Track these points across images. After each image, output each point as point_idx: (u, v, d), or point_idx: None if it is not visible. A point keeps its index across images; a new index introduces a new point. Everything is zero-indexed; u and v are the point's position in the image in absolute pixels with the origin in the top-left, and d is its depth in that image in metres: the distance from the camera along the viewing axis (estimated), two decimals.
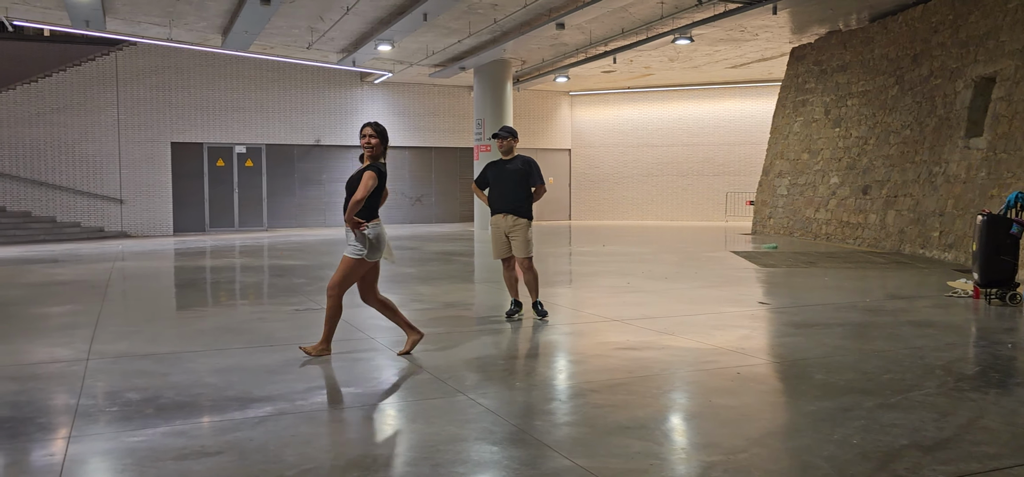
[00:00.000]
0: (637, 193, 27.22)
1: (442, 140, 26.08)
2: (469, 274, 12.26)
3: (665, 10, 15.84)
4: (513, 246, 7.44)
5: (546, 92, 27.08)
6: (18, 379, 5.28)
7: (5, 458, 3.79)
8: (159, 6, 16.23)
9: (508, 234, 7.44)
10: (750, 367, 5.53)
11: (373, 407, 4.65)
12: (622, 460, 3.67)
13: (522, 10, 15.74)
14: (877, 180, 15.90)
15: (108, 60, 21.49)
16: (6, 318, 7.96)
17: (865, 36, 16.91)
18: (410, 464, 3.66)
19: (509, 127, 7.60)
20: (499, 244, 7.52)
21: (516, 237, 7.41)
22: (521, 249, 7.41)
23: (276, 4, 14.98)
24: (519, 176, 7.43)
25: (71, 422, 4.30)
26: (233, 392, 4.90)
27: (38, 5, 16.13)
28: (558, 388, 5.16)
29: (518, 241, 7.40)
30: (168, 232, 22.24)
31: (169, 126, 22.23)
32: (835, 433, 4.00)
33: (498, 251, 7.55)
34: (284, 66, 23.33)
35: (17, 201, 20.65)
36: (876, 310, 7.98)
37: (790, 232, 18.79)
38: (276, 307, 8.51)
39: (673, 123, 26.66)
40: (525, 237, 7.39)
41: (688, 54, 20.37)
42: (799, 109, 19.15)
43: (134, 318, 7.98)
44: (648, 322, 7.32)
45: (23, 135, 20.68)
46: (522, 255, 7.41)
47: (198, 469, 3.59)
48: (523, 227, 7.39)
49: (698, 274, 11.28)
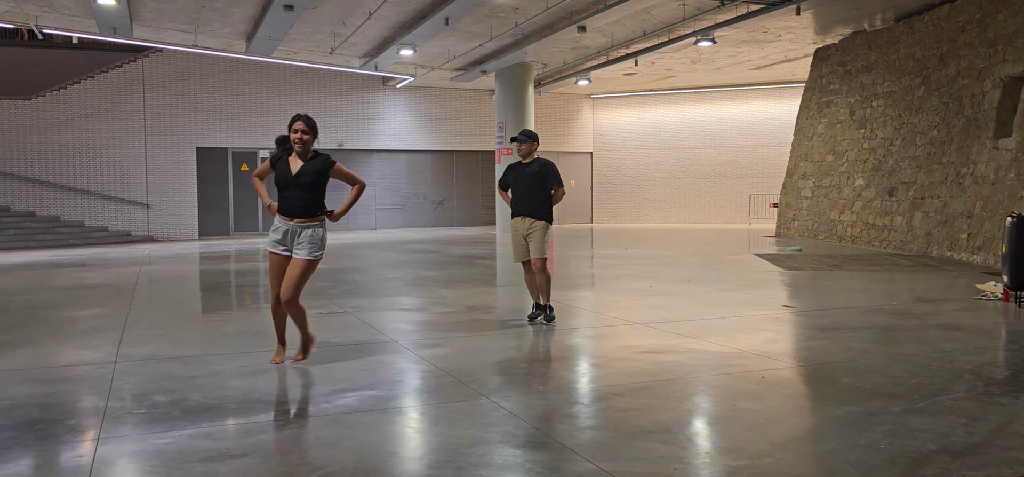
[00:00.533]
0: (659, 196, 27.11)
1: (464, 144, 26.14)
2: (491, 277, 12.27)
3: (687, 12, 15.78)
4: (530, 246, 7.49)
5: (567, 95, 27.05)
6: (48, 381, 5.36)
7: (36, 459, 3.84)
8: (185, 13, 16.42)
9: (526, 236, 7.49)
10: (775, 371, 5.48)
11: (396, 410, 4.67)
12: (646, 464, 3.65)
13: (544, 13, 15.74)
14: (903, 182, 15.72)
15: (135, 66, 21.76)
16: (36, 321, 8.08)
17: (890, 36, 16.74)
18: (433, 467, 3.67)
19: (529, 130, 7.63)
20: (519, 247, 7.57)
21: (533, 238, 7.47)
22: (537, 250, 7.46)
23: (299, 10, 15.11)
24: (537, 179, 7.47)
25: (100, 424, 4.35)
26: (258, 395, 4.93)
27: (67, 13, 16.38)
28: (581, 391, 5.15)
29: (534, 240, 7.46)
30: (193, 236, 22.47)
31: (194, 131, 22.47)
32: (862, 438, 3.96)
33: (518, 254, 7.58)
34: (307, 71, 23.50)
35: (46, 206, 20.95)
36: (903, 313, 7.89)
37: (814, 234, 18.63)
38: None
39: (695, 125, 26.54)
40: (541, 238, 7.45)
41: (710, 56, 20.27)
42: (823, 110, 18.99)
43: (161, 321, 8.07)
44: (671, 325, 7.28)
45: (52, 141, 20.99)
46: (537, 255, 7.46)
47: (224, 471, 3.62)
48: (541, 229, 7.44)
49: (721, 277, 11.21)
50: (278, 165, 5.77)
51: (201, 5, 15.86)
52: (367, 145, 24.68)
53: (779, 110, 25.19)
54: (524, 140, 7.55)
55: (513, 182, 7.61)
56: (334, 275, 12.10)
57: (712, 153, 26.40)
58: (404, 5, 15.60)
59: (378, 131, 24.86)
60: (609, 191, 27.82)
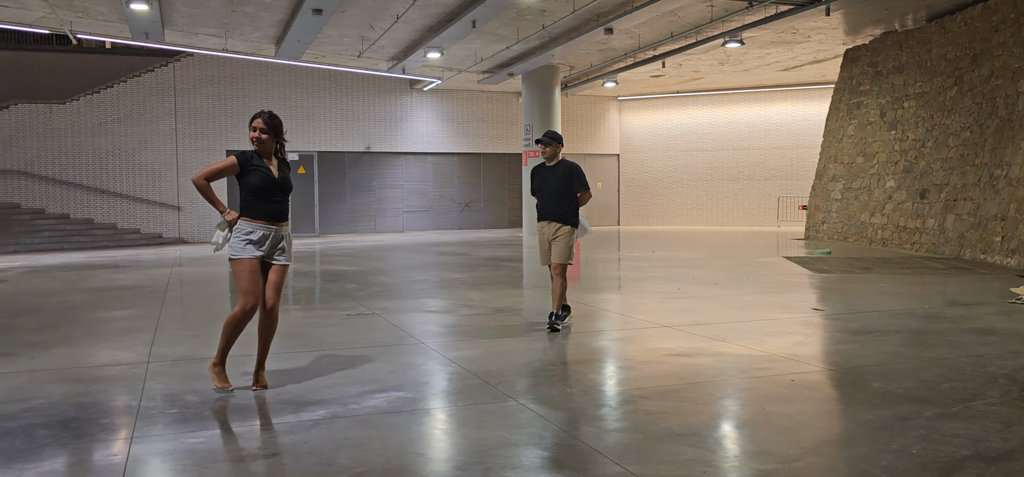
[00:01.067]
0: (686, 198, 26.97)
1: (490, 146, 26.18)
2: (518, 280, 12.28)
3: (715, 13, 15.69)
4: (553, 250, 7.36)
5: (594, 97, 27.01)
6: (83, 381, 5.45)
7: (71, 457, 3.91)
8: (215, 18, 16.62)
9: (552, 240, 7.38)
10: (804, 374, 5.44)
11: (425, 411, 4.69)
12: (674, 468, 3.64)
13: (570, 16, 15.74)
14: (935, 184, 15.50)
15: (166, 71, 22.07)
16: (71, 322, 8.22)
17: (922, 36, 16.52)
18: (462, 468, 3.68)
19: (553, 132, 7.54)
20: (545, 250, 7.47)
21: (558, 243, 7.35)
22: (560, 255, 7.32)
23: (328, 14, 15.23)
24: (562, 182, 7.36)
25: (133, 423, 4.42)
26: (287, 395, 4.98)
27: (100, 19, 16.65)
28: (608, 394, 5.14)
29: (558, 245, 7.34)
30: None
31: (224, 134, 22.73)
32: (893, 443, 3.91)
33: (545, 257, 7.48)
34: (335, 74, 23.68)
35: (80, 208, 21.30)
36: (935, 317, 7.78)
37: (844, 237, 18.42)
38: (329, 312, 8.63)
39: (723, 127, 26.37)
40: (567, 243, 7.32)
41: (739, 57, 20.14)
42: (853, 112, 18.78)
43: (192, 322, 8.17)
44: (699, 328, 7.25)
45: (86, 144, 21.34)
46: (560, 261, 7.32)
47: (255, 470, 3.66)
48: (566, 233, 7.32)
49: (750, 280, 11.13)
50: (256, 170, 5.16)
51: (231, 10, 16.05)
52: (394, 148, 24.81)
53: (808, 112, 24.96)
54: (548, 142, 7.45)
55: (538, 186, 7.52)
56: (362, 277, 12.18)
57: (740, 155, 26.21)
58: (431, 8, 15.67)
59: (405, 134, 24.98)
60: (636, 193, 27.72)
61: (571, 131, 26.38)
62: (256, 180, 5.13)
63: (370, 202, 24.95)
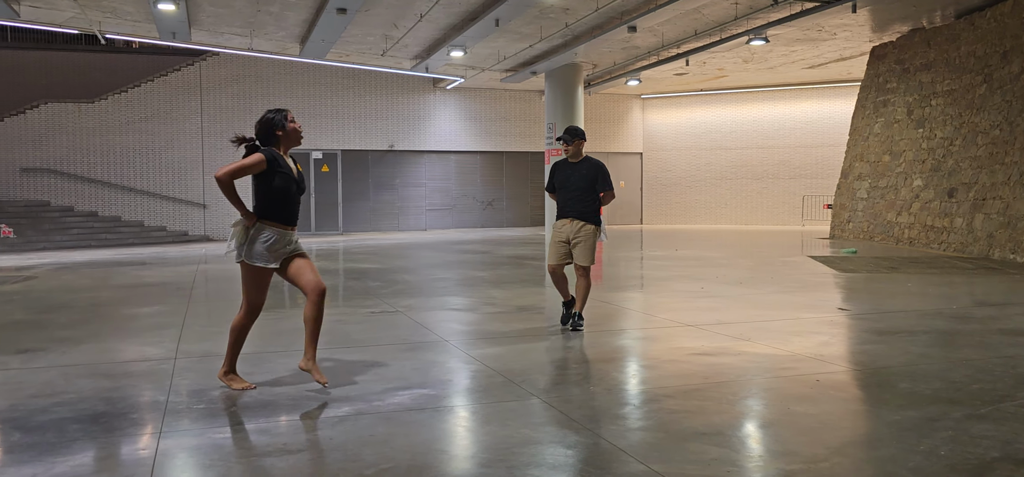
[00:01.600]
0: (710, 197, 26.82)
1: (513, 145, 26.20)
2: (540, 278, 12.28)
3: (739, 11, 15.59)
4: (575, 252, 7.03)
5: (617, 95, 26.93)
6: (111, 376, 5.53)
7: (101, 451, 3.97)
8: (241, 17, 16.76)
9: (572, 239, 7.05)
10: (830, 374, 5.39)
11: (448, 409, 4.71)
12: (698, 467, 3.63)
13: (594, 14, 15.70)
14: (964, 182, 15.30)
15: (192, 70, 22.30)
16: (100, 318, 8.33)
17: (950, 33, 16.31)
18: (485, 466, 3.69)
19: (575, 128, 7.22)
20: (558, 250, 7.11)
21: (581, 244, 7.01)
22: (584, 256, 7.01)
23: (352, 13, 15.31)
24: (586, 181, 7.06)
25: (161, 418, 4.48)
26: (312, 392, 5.02)
27: (129, 19, 16.86)
28: (631, 393, 5.13)
29: (582, 248, 7.00)
30: None
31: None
32: (921, 444, 3.88)
33: (556, 256, 7.12)
34: (358, 73, 23.79)
35: (108, 206, 21.59)
36: (964, 317, 7.68)
37: (870, 236, 18.24)
38: (353, 310, 8.68)
39: (747, 125, 26.19)
40: (590, 244, 6.99)
41: (763, 55, 19.99)
42: (880, 110, 18.58)
43: (217, 319, 8.25)
44: (723, 327, 7.21)
45: (114, 143, 21.62)
46: (584, 263, 7.02)
47: (281, 466, 3.69)
48: (590, 234, 7.01)
49: (774, 279, 11.05)
50: (281, 172, 4.96)
51: (257, 9, 16.18)
52: (417, 146, 24.89)
53: (833, 110, 24.73)
54: (570, 140, 7.13)
55: (561, 183, 7.19)
56: (385, 275, 12.23)
57: (764, 154, 26.02)
58: (455, 7, 15.70)
59: (428, 132, 25.06)
60: (659, 192, 27.61)
61: (594, 129, 26.33)
62: (281, 183, 4.96)
63: (393, 200, 25.05)
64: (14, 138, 20.78)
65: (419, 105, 24.89)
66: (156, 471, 3.64)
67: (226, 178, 4.83)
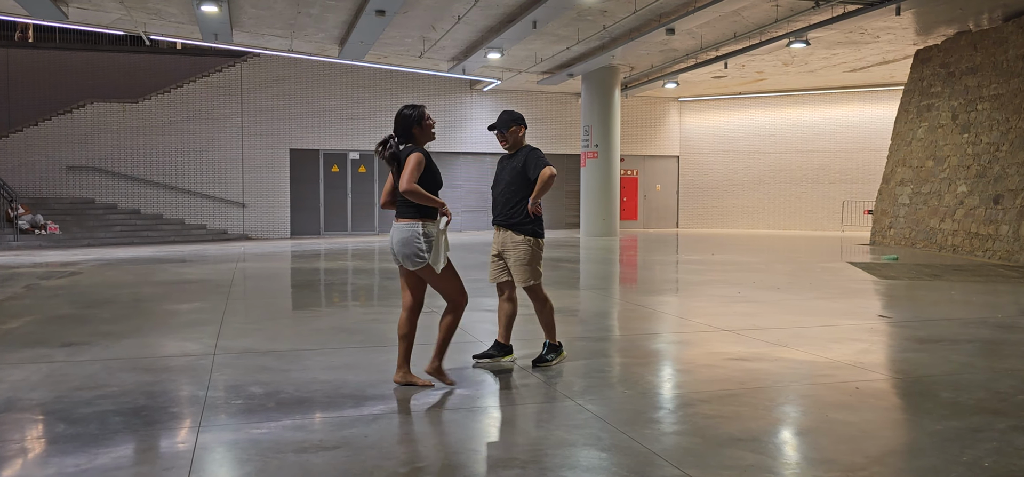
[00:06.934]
0: (748, 201, 26.55)
1: (549, 147, 26.15)
2: (575, 280, 12.26)
3: (780, 13, 15.42)
4: (511, 269, 5.56)
5: (655, 98, 26.78)
6: (152, 371, 5.63)
7: (141, 444, 4.04)
8: (282, 19, 16.98)
9: (501, 253, 5.64)
10: (869, 382, 5.30)
11: (482, 409, 4.72)
12: (734, 473, 3.59)
13: (632, 16, 15.64)
14: (1010, 189, 14.95)
15: (233, 71, 22.63)
16: (141, 314, 8.49)
17: (998, 36, 15.96)
18: (519, 467, 3.69)
19: (510, 111, 5.66)
20: (493, 266, 5.70)
21: (511, 259, 5.52)
22: (519, 275, 5.48)
23: (390, 15, 15.43)
24: (514, 174, 5.50)
25: (200, 413, 4.55)
26: (348, 390, 5.06)
27: (172, 20, 17.17)
28: (666, 397, 5.10)
29: (514, 265, 5.49)
30: (285, 235, 23.19)
31: (288, 133, 23.20)
32: (964, 454, 3.79)
33: (492, 273, 5.72)
34: (396, 74, 23.96)
35: (150, 204, 21.99)
36: (1009, 327, 7.51)
37: (912, 243, 17.91)
38: (388, 309, 8.73)
39: (787, 129, 25.89)
40: (523, 258, 5.46)
41: (804, 58, 19.74)
42: (923, 114, 18.24)
43: (255, 316, 8.36)
44: (760, 333, 7.13)
45: (156, 142, 22.03)
46: (520, 283, 5.51)
47: (317, 462, 3.73)
48: (519, 246, 5.47)
49: (813, 285, 10.90)
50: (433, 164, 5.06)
51: (297, 11, 16.38)
52: (454, 148, 24.98)
53: (875, 114, 24.34)
54: (504, 129, 5.57)
55: (494, 182, 5.79)
56: None
57: (803, 158, 25.70)
58: (492, 9, 15.75)
59: (465, 134, 25.14)
60: (696, 196, 27.40)
61: (631, 132, 26.21)
62: (433, 180, 5.02)
63: None
64: (61, 137, 21.27)
65: (455, 107, 24.99)
66: (195, 464, 3.70)
67: (414, 186, 4.85)
